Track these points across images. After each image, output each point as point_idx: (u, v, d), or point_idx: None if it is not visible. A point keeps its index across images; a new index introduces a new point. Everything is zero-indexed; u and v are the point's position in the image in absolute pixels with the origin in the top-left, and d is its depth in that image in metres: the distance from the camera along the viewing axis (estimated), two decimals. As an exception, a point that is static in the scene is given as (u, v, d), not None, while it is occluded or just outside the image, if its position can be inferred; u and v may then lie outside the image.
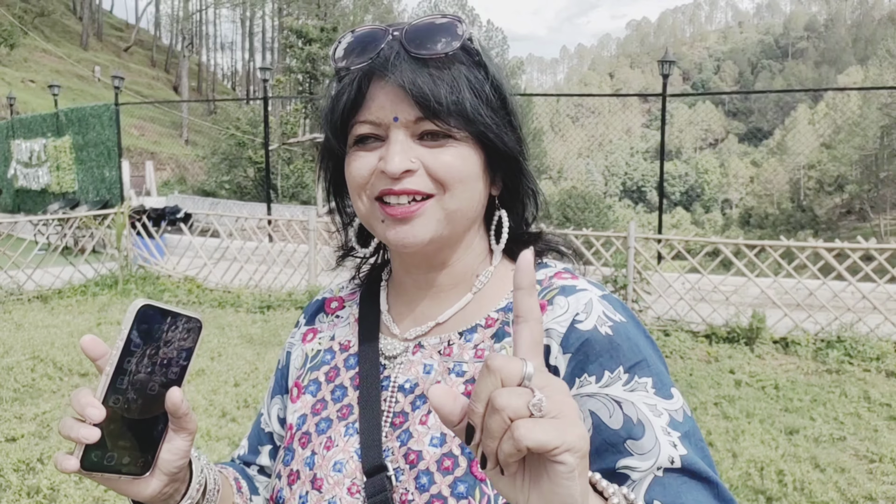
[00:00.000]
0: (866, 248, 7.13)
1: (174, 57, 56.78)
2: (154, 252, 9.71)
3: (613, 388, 0.75)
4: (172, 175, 34.46)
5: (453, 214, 0.81)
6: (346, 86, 0.81)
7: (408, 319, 0.90)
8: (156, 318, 0.69)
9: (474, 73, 0.81)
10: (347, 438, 0.85)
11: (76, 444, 0.67)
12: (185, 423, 0.71)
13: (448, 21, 0.81)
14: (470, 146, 0.81)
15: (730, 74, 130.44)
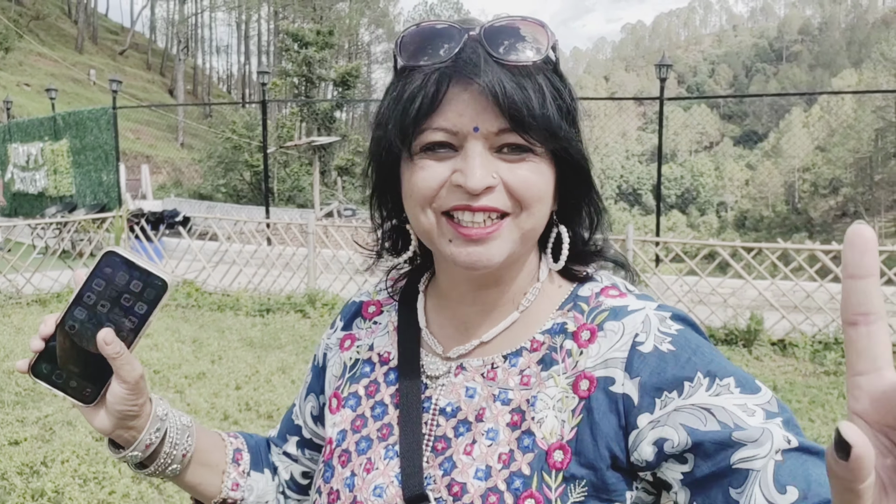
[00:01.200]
0: (863, 250, 7.17)
1: (169, 60, 56.76)
2: (152, 255, 9.71)
3: (698, 397, 0.70)
4: (168, 178, 34.45)
5: (528, 234, 0.77)
6: (420, 86, 0.73)
7: (450, 336, 0.86)
8: (120, 265, 0.77)
9: (556, 84, 0.76)
10: (388, 462, 0.82)
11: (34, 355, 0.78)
12: (120, 367, 0.76)
13: (532, 25, 0.75)
14: (546, 161, 0.76)
15: (724, 77, 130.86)
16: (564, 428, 0.75)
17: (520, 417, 0.77)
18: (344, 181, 28.90)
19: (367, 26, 58.15)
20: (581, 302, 0.82)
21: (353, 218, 17.74)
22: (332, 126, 30.26)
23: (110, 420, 0.80)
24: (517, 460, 0.75)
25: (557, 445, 0.74)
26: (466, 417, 0.80)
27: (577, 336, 0.79)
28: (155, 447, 0.86)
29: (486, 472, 0.76)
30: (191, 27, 57.73)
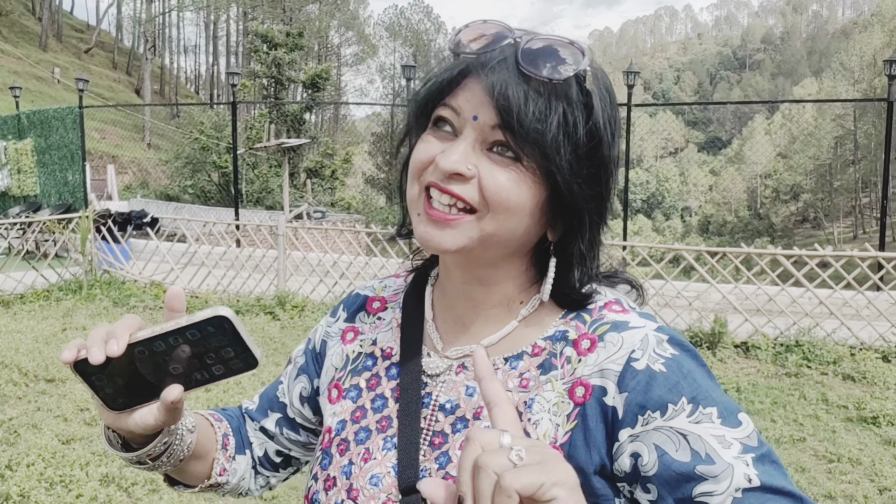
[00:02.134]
0: (823, 255, 7.38)
1: (136, 59, 55.91)
2: (119, 257, 9.59)
3: (678, 421, 0.73)
4: (134, 179, 33.92)
5: (488, 237, 0.78)
6: (447, 70, 0.79)
7: (451, 333, 0.89)
8: (225, 332, 0.72)
9: (574, 111, 0.76)
10: (385, 453, 0.85)
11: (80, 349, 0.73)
12: (165, 414, 0.75)
13: (572, 49, 0.77)
14: (534, 179, 0.77)
15: (689, 85, 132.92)
16: (558, 431, 0.78)
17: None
18: (313, 183, 28.74)
19: (337, 28, 57.88)
20: (584, 313, 0.84)
21: (322, 220, 17.66)
22: (301, 128, 30.07)
23: (128, 425, 0.78)
24: None
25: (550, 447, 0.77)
26: (465, 415, 0.83)
27: (578, 344, 0.81)
28: (156, 455, 0.85)
29: None
30: (158, 26, 56.92)
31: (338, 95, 53.78)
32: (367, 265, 8.59)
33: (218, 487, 0.99)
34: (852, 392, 5.76)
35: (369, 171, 46.13)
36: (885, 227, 10.03)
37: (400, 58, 59.80)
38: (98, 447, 4.38)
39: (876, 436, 4.90)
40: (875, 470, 4.32)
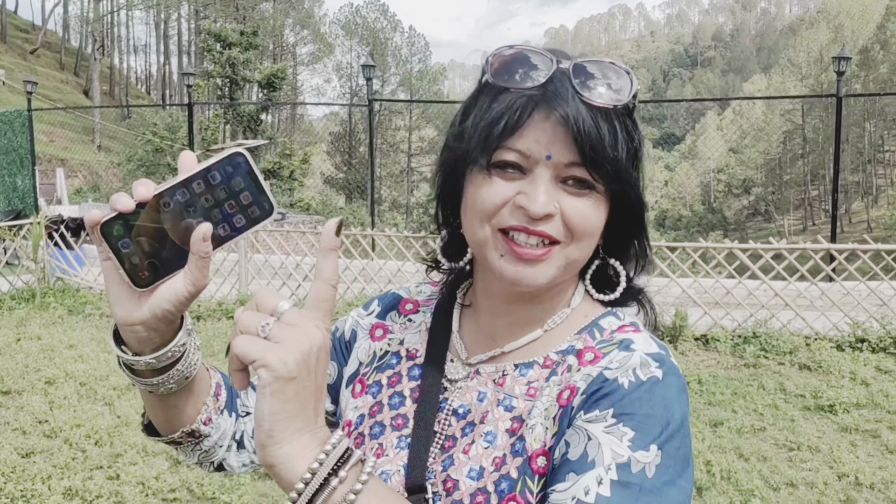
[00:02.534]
0: (777, 248, 7.57)
1: (84, 60, 54.52)
2: (73, 263, 9.35)
3: (594, 426, 0.74)
4: (85, 183, 33.09)
5: (573, 263, 0.82)
6: (507, 108, 0.77)
7: (477, 343, 0.91)
8: (243, 171, 0.72)
9: (629, 129, 0.80)
10: (398, 451, 0.87)
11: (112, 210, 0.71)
12: (197, 267, 0.70)
13: (619, 71, 0.79)
14: (605, 200, 0.80)
15: (643, 81, 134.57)
16: (547, 435, 0.79)
17: (519, 425, 0.82)
18: (272, 185, 28.43)
19: (292, 27, 57.24)
20: (597, 330, 0.86)
21: (283, 222, 17.48)
22: (258, 128, 29.74)
23: (145, 314, 0.72)
24: (507, 464, 0.79)
25: (541, 451, 0.79)
26: (473, 419, 0.85)
27: (582, 354, 0.83)
28: (173, 360, 0.79)
29: (479, 472, 0.80)
30: (106, 25, 55.61)
31: (294, 95, 53.26)
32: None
33: (196, 439, 0.94)
34: (809, 381, 5.92)
35: (328, 171, 45.82)
36: (836, 220, 10.34)
37: (357, 56, 59.35)
38: (59, 460, 4.28)
39: (833, 423, 5.05)
40: (833, 457, 4.45)
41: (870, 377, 5.87)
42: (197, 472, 4.16)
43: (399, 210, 43.23)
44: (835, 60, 9.61)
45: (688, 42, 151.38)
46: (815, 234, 44.84)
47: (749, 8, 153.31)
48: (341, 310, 7.63)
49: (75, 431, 4.66)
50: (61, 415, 4.97)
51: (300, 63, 57.75)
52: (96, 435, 4.64)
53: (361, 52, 58.66)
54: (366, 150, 45.42)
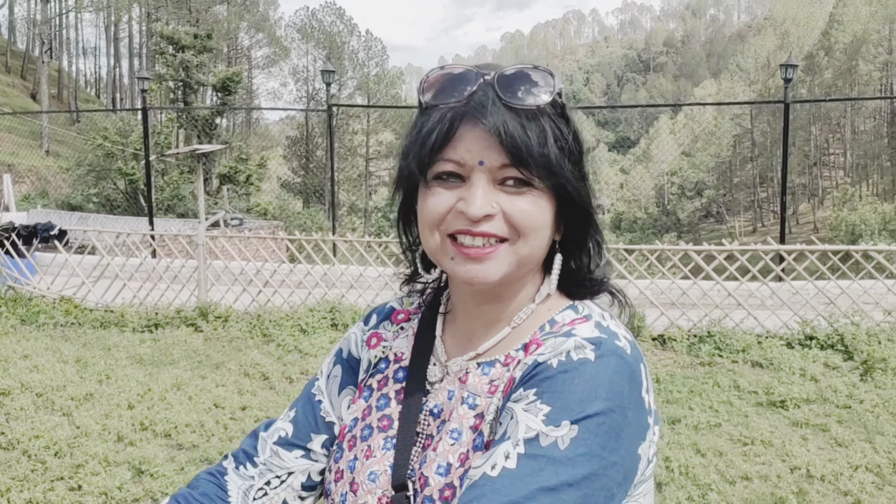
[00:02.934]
0: (730, 249, 7.79)
1: (31, 63, 53.04)
2: (25, 271, 9.13)
3: (517, 405, 0.78)
4: (33, 188, 32.21)
5: (523, 259, 0.85)
6: (437, 123, 0.82)
7: (456, 346, 0.95)
8: None
9: (559, 126, 0.84)
10: (385, 452, 0.92)
11: None
12: None
13: (540, 73, 0.84)
14: (546, 196, 0.84)
15: (598, 86, 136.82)
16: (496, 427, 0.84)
17: (480, 421, 0.87)
18: (229, 190, 28.06)
19: (247, 31, 56.55)
20: (549, 325, 0.89)
21: (241, 227, 17.27)
22: (212, 132, 29.31)
23: None
24: (470, 458, 0.84)
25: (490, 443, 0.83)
26: (445, 418, 0.90)
27: (528, 347, 0.88)
28: None
29: (447, 468, 0.85)
30: (55, 28, 54.21)
31: (250, 99, 52.63)
32: (291, 272, 8.50)
33: None
34: (761, 378, 6.10)
35: (285, 175, 45.38)
36: (785, 222, 10.67)
37: (313, 60, 58.95)
38: (18, 472, 4.19)
39: (784, 418, 5.23)
40: (786, 451, 4.61)
41: (819, 373, 6.08)
42: (161, 482, 4.12)
43: (357, 214, 43.05)
44: (782, 68, 9.94)
45: (640, 48, 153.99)
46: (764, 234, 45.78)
47: (699, 15, 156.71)
48: (302, 316, 7.61)
49: (34, 443, 4.57)
50: (18, 426, 4.86)
51: (255, 66, 57.08)
52: (55, 446, 4.55)
53: (318, 56, 58.26)
54: (323, 154, 45.07)
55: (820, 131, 62.76)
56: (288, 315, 7.66)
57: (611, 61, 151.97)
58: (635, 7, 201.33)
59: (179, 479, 4.18)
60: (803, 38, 71.45)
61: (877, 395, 5.56)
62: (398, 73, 63.19)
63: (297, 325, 7.44)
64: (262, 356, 6.64)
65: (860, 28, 59.35)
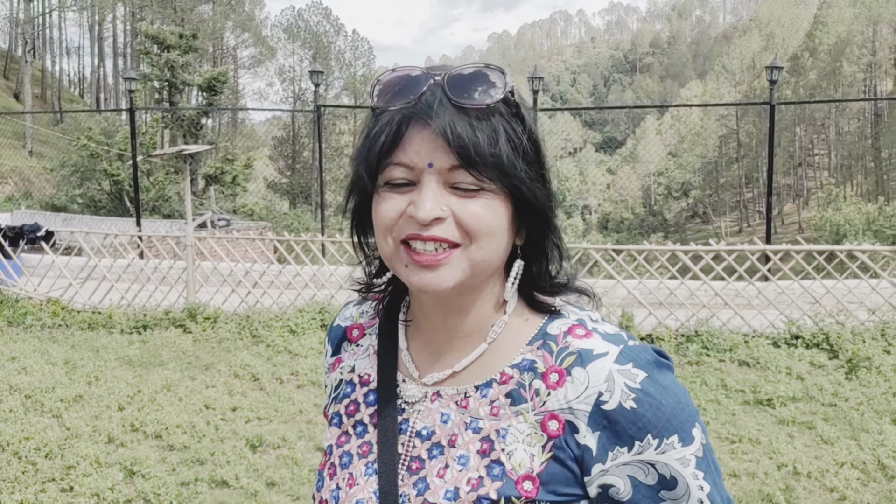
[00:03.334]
0: (717, 249, 7.87)
1: (14, 62, 52.56)
2: (11, 273, 9.07)
3: (646, 454, 0.82)
4: (16, 189, 31.91)
5: (478, 265, 0.82)
6: (385, 126, 0.81)
7: (426, 361, 0.93)
8: None
9: (513, 126, 0.81)
10: (367, 479, 0.89)
11: None
12: None
13: (491, 71, 0.81)
14: (500, 198, 0.81)
15: (585, 87, 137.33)
16: (534, 461, 0.83)
17: (489, 446, 0.85)
18: (215, 190, 27.94)
19: (233, 30, 56.31)
20: (550, 341, 0.88)
21: (228, 228, 17.21)
22: (198, 133, 29.17)
23: None
24: (486, 486, 0.83)
25: (526, 476, 0.83)
26: (440, 441, 0.88)
27: (546, 377, 0.85)
28: None
29: (455, 493, 0.84)
30: (38, 27, 53.73)
31: (235, 99, 52.42)
32: (280, 273, 8.50)
33: None
34: (748, 377, 6.17)
35: (271, 175, 45.24)
36: (771, 222, 10.78)
37: (299, 60, 58.82)
38: (9, 473, 4.18)
39: (771, 416, 5.30)
40: (772, 448, 4.67)
41: (804, 372, 6.16)
42: (153, 482, 4.12)
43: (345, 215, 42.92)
44: (768, 70, 10.05)
45: (627, 48, 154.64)
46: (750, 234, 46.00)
47: (685, 16, 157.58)
48: (292, 316, 7.61)
49: (24, 444, 4.56)
50: (7, 428, 4.84)
51: (241, 66, 56.87)
52: (46, 447, 4.54)
53: (304, 56, 58.16)
54: (309, 155, 44.96)
55: (805, 132, 63.29)
56: (277, 316, 7.66)
57: (597, 62, 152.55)
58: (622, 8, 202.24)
59: (171, 479, 4.18)
60: (788, 40, 72.08)
61: (861, 393, 5.64)
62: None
63: (287, 326, 7.45)
64: (252, 357, 6.64)
65: (844, 30, 59.94)
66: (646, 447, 0.82)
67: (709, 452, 0.85)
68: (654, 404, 0.82)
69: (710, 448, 0.85)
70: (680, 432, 0.82)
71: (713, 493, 0.84)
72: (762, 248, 7.91)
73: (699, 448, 0.83)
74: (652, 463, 0.82)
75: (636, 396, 0.81)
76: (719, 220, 68.42)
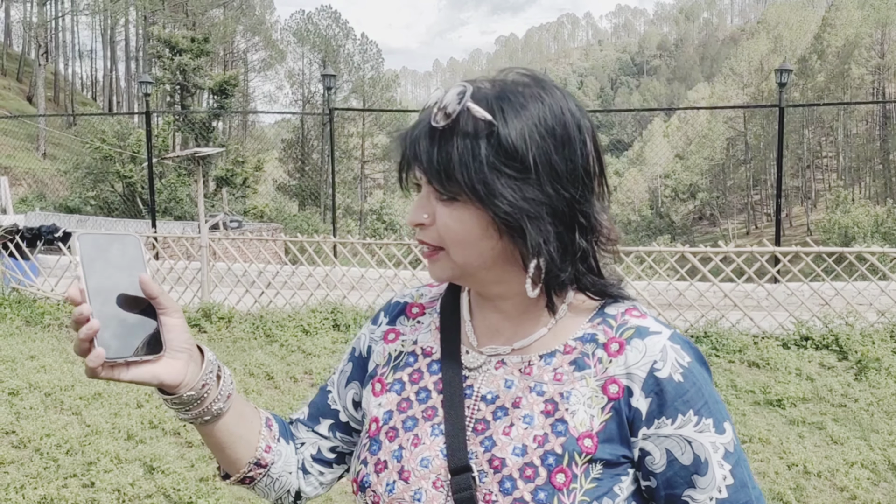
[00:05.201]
0: (726, 251, 7.91)
1: (27, 66, 52.96)
2: (28, 273, 9.18)
3: (686, 430, 0.90)
4: (30, 191, 32.15)
5: (463, 266, 0.93)
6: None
7: (486, 335, 1.01)
8: (96, 241, 0.87)
9: (472, 139, 0.87)
10: (433, 438, 0.96)
11: (92, 346, 0.83)
12: (164, 301, 0.88)
13: (456, 90, 0.89)
14: (474, 207, 0.88)
15: (592, 89, 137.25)
16: (594, 421, 0.91)
17: (553, 407, 0.93)
18: (227, 192, 28.10)
19: (243, 34, 56.57)
20: (609, 318, 0.97)
21: (240, 230, 17.32)
22: (209, 135, 29.37)
23: (180, 362, 0.89)
24: (550, 442, 0.91)
25: (587, 434, 0.91)
26: (504, 404, 0.95)
27: (607, 347, 0.94)
28: (209, 387, 0.94)
29: (523, 449, 0.91)
30: (51, 31, 54.12)
31: (246, 102, 52.63)
32: (293, 274, 8.59)
33: (264, 468, 1.05)
34: (758, 378, 6.21)
35: (280, 178, 45.41)
36: (780, 224, 10.80)
37: (309, 63, 59.04)
38: (31, 469, 4.27)
39: (781, 417, 5.34)
40: (783, 448, 4.72)
41: (814, 373, 6.19)
42: (172, 478, 4.20)
43: (353, 217, 43.07)
44: (777, 72, 10.08)
45: (634, 51, 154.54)
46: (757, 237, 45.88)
47: (692, 18, 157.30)
48: (304, 316, 7.70)
49: (45, 441, 4.65)
50: (28, 425, 4.94)
51: (251, 70, 57.10)
52: (67, 444, 4.63)
53: (313, 60, 58.35)
54: (318, 157, 45.11)
55: (813, 134, 63.12)
56: (290, 316, 7.75)
57: (604, 65, 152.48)
58: (629, 11, 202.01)
59: (191, 475, 4.26)
60: (796, 42, 71.87)
61: (871, 394, 5.68)
62: (393, 77, 63.35)
63: (300, 325, 7.53)
64: (266, 356, 6.72)
65: (852, 32, 59.76)
66: (687, 422, 0.90)
67: (738, 451, 0.92)
68: (697, 385, 0.91)
69: (739, 448, 0.92)
70: (715, 419, 0.91)
71: (737, 487, 0.90)
72: (772, 249, 7.94)
73: (730, 442, 0.91)
74: (690, 440, 0.90)
75: (683, 372, 0.91)
76: (726, 223, 68.24)
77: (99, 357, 0.82)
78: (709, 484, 0.90)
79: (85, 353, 0.83)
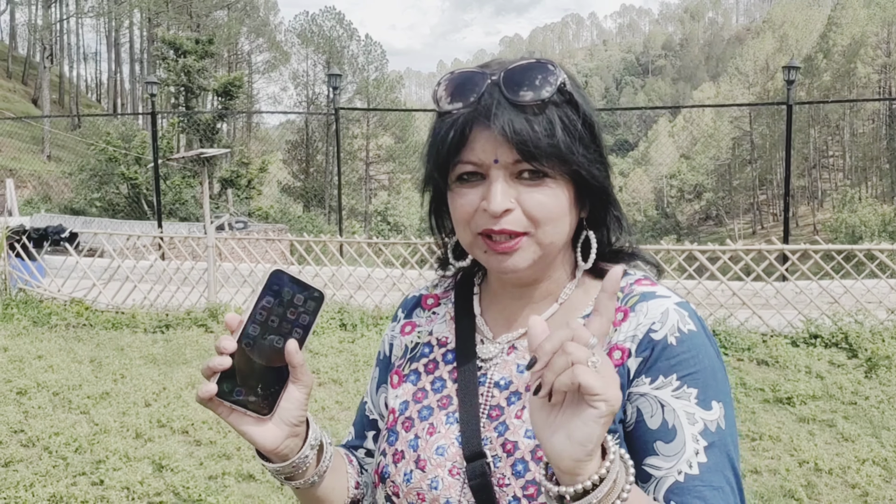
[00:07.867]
0: (734, 249, 7.87)
1: (32, 68, 53.16)
2: (35, 274, 9.21)
3: (662, 392, 0.87)
4: (35, 193, 32.30)
5: (548, 246, 0.91)
6: (450, 128, 0.88)
7: (500, 325, 1.01)
8: (286, 282, 0.85)
9: (567, 113, 0.88)
10: (448, 426, 0.96)
11: (211, 378, 0.83)
12: (301, 374, 0.85)
13: (542, 65, 0.88)
14: (563, 183, 0.89)
15: (597, 89, 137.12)
16: None
17: None
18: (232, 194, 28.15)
19: (248, 35, 56.68)
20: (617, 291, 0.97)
21: (246, 230, 17.34)
22: (214, 137, 29.42)
23: (281, 431, 0.87)
24: None
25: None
26: (517, 389, 0.95)
27: None
28: (303, 468, 0.92)
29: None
30: (55, 33, 54.30)
31: (250, 103, 52.73)
32: (299, 274, 8.55)
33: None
34: (767, 375, 6.18)
35: (285, 179, 45.48)
36: (788, 222, 10.76)
37: (313, 65, 59.08)
38: (40, 468, 4.27)
39: (791, 414, 5.31)
40: (793, 445, 4.69)
41: (824, 371, 6.16)
42: (182, 476, 4.20)
43: (357, 217, 43.13)
44: (784, 69, 10.04)
45: (639, 51, 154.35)
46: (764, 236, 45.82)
47: (697, 18, 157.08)
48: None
49: (54, 440, 4.65)
50: (37, 424, 4.94)
51: (255, 71, 57.19)
52: (75, 443, 4.63)
53: (317, 61, 58.40)
54: (322, 159, 45.20)
55: (819, 133, 62.92)
56: (297, 316, 7.74)
57: (609, 65, 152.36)
58: (634, 11, 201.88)
59: (200, 473, 4.26)
60: (802, 41, 71.68)
61: (881, 391, 5.65)
62: (397, 77, 63.42)
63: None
64: (274, 356, 6.71)
65: (858, 31, 59.55)
66: (665, 385, 0.87)
67: (724, 436, 0.86)
68: (693, 353, 0.88)
69: (729, 435, 0.86)
70: (702, 391, 0.86)
71: (711, 467, 0.84)
72: (780, 247, 7.91)
73: (714, 421, 0.86)
74: (663, 403, 0.86)
75: (680, 337, 0.88)
76: (732, 223, 68.07)
77: (209, 392, 0.83)
78: (675, 454, 0.85)
79: (207, 376, 0.83)
